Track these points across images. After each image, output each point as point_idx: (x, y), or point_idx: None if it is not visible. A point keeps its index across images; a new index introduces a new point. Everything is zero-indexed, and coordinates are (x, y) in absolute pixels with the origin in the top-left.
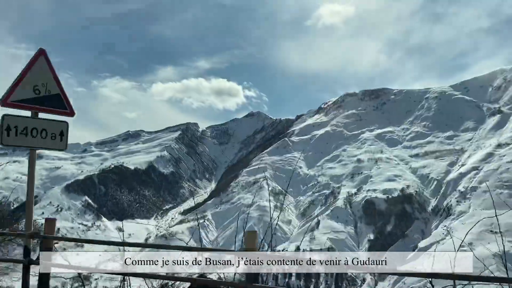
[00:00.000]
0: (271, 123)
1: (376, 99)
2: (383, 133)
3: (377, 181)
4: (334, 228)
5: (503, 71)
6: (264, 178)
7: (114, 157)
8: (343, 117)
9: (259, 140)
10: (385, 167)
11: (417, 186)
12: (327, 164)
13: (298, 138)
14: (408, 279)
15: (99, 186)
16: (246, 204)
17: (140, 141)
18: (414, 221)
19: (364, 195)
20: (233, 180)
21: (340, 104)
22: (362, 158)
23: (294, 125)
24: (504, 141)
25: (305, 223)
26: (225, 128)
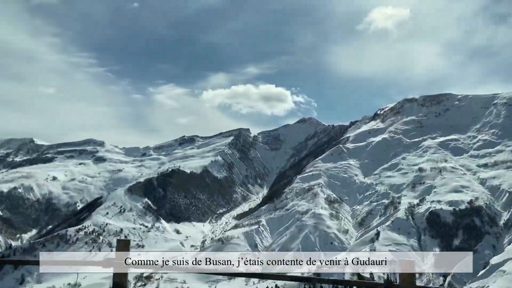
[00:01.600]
0: (323, 129)
1: (438, 105)
2: (447, 141)
3: (442, 192)
4: (395, 240)
5: None
6: (319, 185)
7: (171, 161)
8: (402, 124)
9: (311, 147)
10: (450, 177)
11: (487, 198)
12: (385, 172)
13: (353, 145)
14: None
15: (158, 189)
16: (300, 211)
17: (195, 146)
18: (484, 236)
19: (428, 207)
20: (287, 186)
21: (399, 110)
22: (424, 167)
23: (348, 132)
24: None
25: (363, 233)
26: (276, 134)
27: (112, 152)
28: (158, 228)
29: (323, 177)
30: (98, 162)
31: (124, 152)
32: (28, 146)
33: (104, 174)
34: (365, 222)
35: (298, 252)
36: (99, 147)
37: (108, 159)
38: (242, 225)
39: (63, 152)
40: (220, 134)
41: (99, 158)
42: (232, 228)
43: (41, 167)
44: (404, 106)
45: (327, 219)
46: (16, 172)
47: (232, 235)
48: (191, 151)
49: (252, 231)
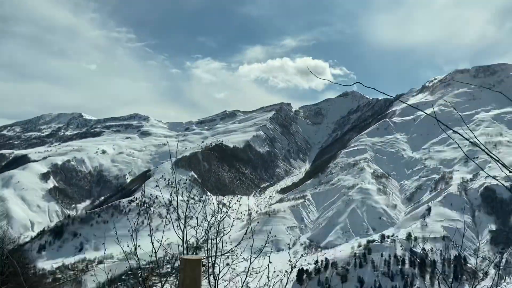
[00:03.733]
0: (367, 103)
1: (492, 76)
2: (502, 114)
3: (497, 167)
4: (448, 216)
5: None
6: (365, 160)
7: (213, 136)
8: (453, 96)
9: (354, 121)
10: (507, 151)
11: None
12: (435, 147)
13: (400, 119)
14: None
15: (203, 163)
16: (346, 186)
17: (236, 121)
18: None
19: (483, 182)
20: (331, 161)
21: (449, 82)
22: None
23: (394, 105)
24: None
25: (412, 208)
26: (317, 108)
27: (156, 127)
28: (204, 200)
29: (369, 152)
30: (143, 136)
31: (168, 127)
32: (77, 120)
33: (150, 148)
34: (414, 197)
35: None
36: (144, 121)
37: (153, 134)
38: (287, 199)
39: (110, 126)
40: (261, 109)
41: (144, 132)
42: (277, 202)
43: (90, 140)
44: (455, 77)
45: (375, 194)
46: (68, 145)
47: (278, 208)
48: (233, 126)
49: (298, 205)
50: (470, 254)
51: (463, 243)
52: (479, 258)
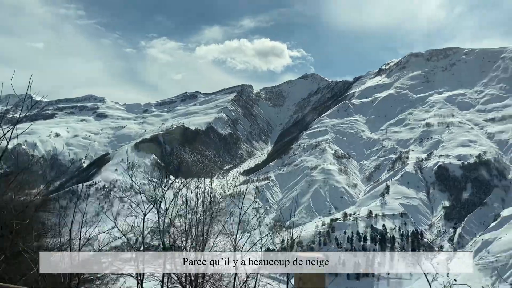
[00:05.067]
0: (327, 85)
1: (445, 59)
2: (454, 96)
3: (450, 146)
4: (405, 194)
5: None
6: (326, 141)
7: (174, 118)
8: (408, 79)
9: (315, 103)
10: (458, 131)
11: (495, 152)
12: (392, 128)
13: (359, 101)
14: (493, 248)
15: (164, 145)
16: (309, 167)
17: (197, 102)
18: (493, 189)
19: (436, 161)
20: (293, 142)
21: (404, 65)
22: (431, 122)
23: (353, 87)
24: None
25: (372, 187)
26: (279, 90)
27: (113, 109)
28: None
29: (330, 133)
30: (99, 119)
31: (125, 109)
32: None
33: (107, 130)
34: (373, 176)
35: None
36: (100, 103)
37: (109, 116)
38: (251, 181)
39: (63, 108)
40: (222, 91)
41: (100, 114)
42: (241, 183)
43: (42, 123)
44: (410, 60)
45: (336, 174)
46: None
47: (243, 190)
48: (194, 108)
49: (263, 186)
50: (426, 229)
51: (419, 219)
52: (434, 233)
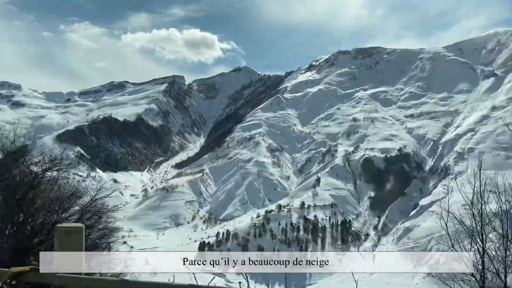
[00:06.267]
0: (259, 78)
1: (369, 58)
2: (377, 93)
3: (374, 140)
4: (335, 185)
5: (497, 34)
6: (260, 134)
7: (100, 108)
8: (336, 75)
9: (248, 96)
10: (381, 126)
11: (414, 146)
12: (322, 122)
13: (291, 95)
14: (413, 234)
15: (90, 137)
16: (243, 160)
17: (126, 93)
18: (412, 180)
19: (363, 154)
20: (227, 135)
21: (333, 62)
22: (358, 117)
23: (285, 82)
24: (499, 104)
25: (304, 179)
26: (211, 82)
27: (31, 97)
28: (94, 177)
29: (264, 126)
30: (15, 108)
31: (45, 97)
32: None
33: (24, 120)
34: (304, 169)
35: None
36: (15, 90)
37: (27, 105)
38: (185, 174)
39: None
40: (153, 81)
41: (16, 103)
42: (174, 177)
43: None
44: (338, 58)
45: (270, 166)
46: None
47: (176, 183)
48: (122, 98)
49: (197, 180)
50: (354, 219)
51: (348, 209)
52: (360, 222)
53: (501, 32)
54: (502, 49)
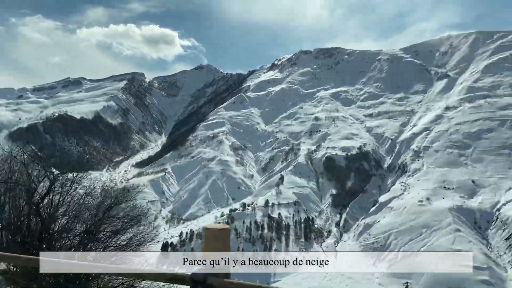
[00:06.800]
0: (222, 77)
1: (330, 58)
2: (338, 92)
3: (335, 139)
4: (298, 183)
5: (450, 37)
6: (223, 133)
7: (54, 105)
8: (299, 75)
9: (210, 94)
10: (342, 125)
11: (373, 145)
12: (285, 121)
13: (254, 94)
14: (373, 230)
15: (45, 135)
16: (206, 158)
17: (83, 89)
18: (371, 178)
19: (324, 152)
20: (190, 134)
21: (295, 61)
22: (319, 116)
23: (247, 81)
24: (452, 104)
25: (267, 178)
26: (173, 80)
27: None
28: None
29: (227, 125)
30: None
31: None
32: None
33: None
34: (268, 167)
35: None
36: None
37: None
38: (146, 173)
39: None
40: (111, 78)
41: None
42: (135, 176)
43: None
44: (300, 57)
45: (233, 165)
46: None
47: (137, 183)
48: (78, 95)
49: (159, 179)
50: (316, 216)
51: (311, 206)
52: (323, 219)
53: (453, 36)
54: (455, 52)
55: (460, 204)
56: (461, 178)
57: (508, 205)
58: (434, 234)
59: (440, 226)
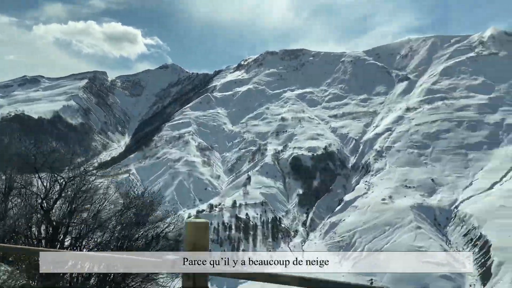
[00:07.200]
0: (187, 76)
1: (296, 60)
2: (304, 93)
3: (302, 139)
4: (265, 183)
5: (409, 41)
6: (189, 133)
7: (10, 104)
8: (265, 75)
9: (175, 94)
10: (308, 126)
11: (338, 145)
12: (252, 121)
13: (220, 94)
14: (338, 229)
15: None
16: (172, 159)
17: (41, 88)
18: (336, 177)
19: (291, 152)
20: (155, 134)
21: (261, 62)
22: (286, 116)
23: (214, 81)
24: (412, 106)
25: (234, 178)
26: (136, 79)
27: None
28: None
29: (193, 125)
30: None
31: None
32: None
33: None
34: (235, 168)
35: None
36: None
37: None
38: (109, 175)
39: None
40: (72, 76)
41: None
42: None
43: None
44: (266, 58)
45: (200, 166)
46: None
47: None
48: (36, 94)
49: (122, 181)
50: (283, 216)
51: (278, 206)
52: (290, 219)
53: (413, 39)
54: (414, 55)
55: (420, 202)
56: (421, 177)
57: (465, 202)
58: (397, 232)
59: (402, 224)
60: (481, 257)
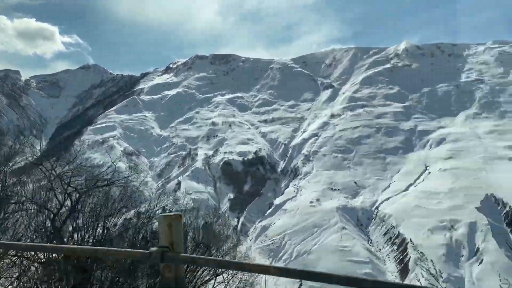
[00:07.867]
0: (111, 78)
1: (226, 64)
2: (234, 98)
3: (232, 143)
4: (195, 189)
5: (334, 51)
6: (114, 137)
7: None
8: (195, 79)
9: (98, 96)
10: (238, 130)
11: (268, 149)
12: (181, 125)
13: (148, 97)
14: (269, 232)
15: None
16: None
17: None
18: (267, 181)
19: (222, 157)
20: (75, 138)
21: (190, 65)
22: (216, 121)
23: (141, 83)
24: (336, 112)
25: (164, 183)
26: (54, 79)
27: None
28: None
29: (119, 129)
30: None
31: None
32: None
33: None
34: (164, 173)
35: None
36: None
37: None
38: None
39: None
40: None
41: None
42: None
43: None
44: (196, 62)
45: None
46: None
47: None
48: None
49: None
50: (214, 221)
51: (209, 212)
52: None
53: (336, 49)
54: (337, 65)
55: (345, 204)
56: (345, 180)
57: (385, 203)
58: (324, 233)
59: (329, 225)
60: (399, 254)
